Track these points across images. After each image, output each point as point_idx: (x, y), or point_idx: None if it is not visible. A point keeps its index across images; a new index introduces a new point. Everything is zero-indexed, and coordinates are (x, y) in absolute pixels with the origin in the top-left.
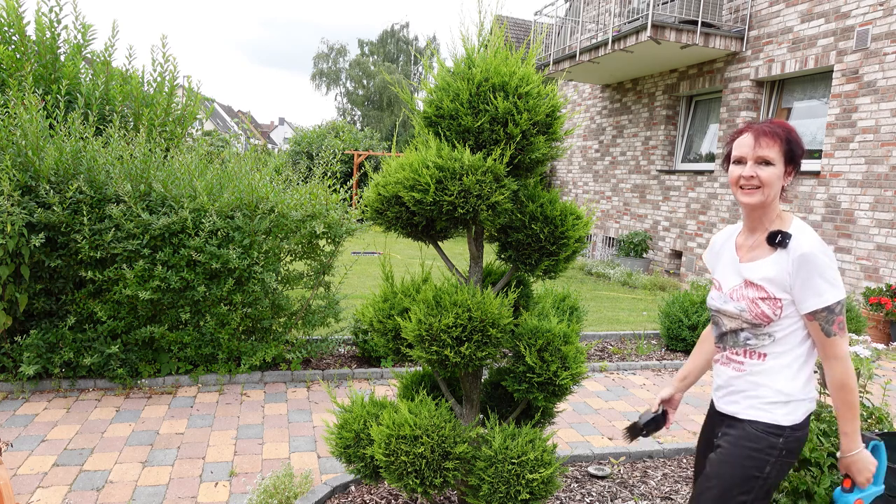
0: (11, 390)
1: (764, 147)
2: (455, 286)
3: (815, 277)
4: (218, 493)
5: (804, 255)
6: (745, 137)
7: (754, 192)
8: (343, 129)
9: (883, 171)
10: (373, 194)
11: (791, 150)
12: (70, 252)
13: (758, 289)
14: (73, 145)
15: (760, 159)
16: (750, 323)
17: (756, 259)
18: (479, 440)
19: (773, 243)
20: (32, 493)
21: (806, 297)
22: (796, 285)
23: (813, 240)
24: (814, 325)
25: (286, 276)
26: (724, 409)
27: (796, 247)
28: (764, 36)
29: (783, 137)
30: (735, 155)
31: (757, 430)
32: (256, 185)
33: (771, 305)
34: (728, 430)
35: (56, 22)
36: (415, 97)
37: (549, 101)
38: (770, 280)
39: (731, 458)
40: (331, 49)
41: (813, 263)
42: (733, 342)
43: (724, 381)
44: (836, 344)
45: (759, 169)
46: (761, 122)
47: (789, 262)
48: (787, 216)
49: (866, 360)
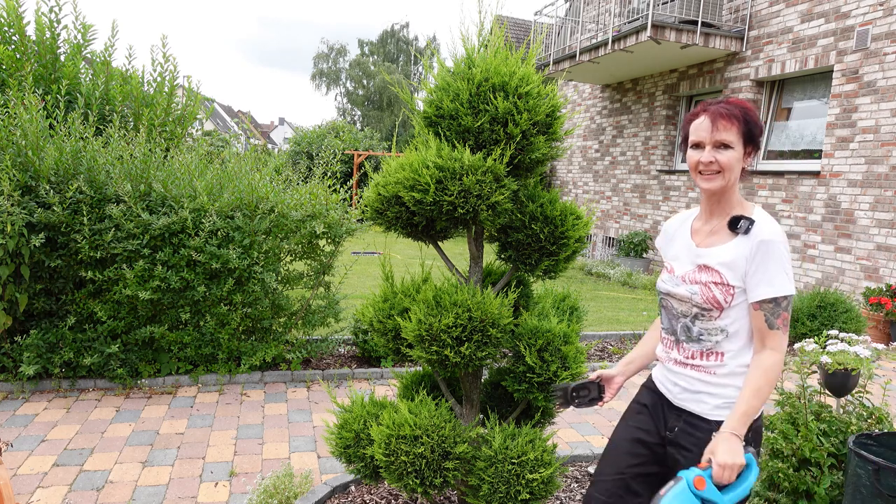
0: (11, 390)
1: (722, 130)
2: (455, 286)
3: (771, 265)
4: (218, 493)
5: (765, 242)
6: (702, 121)
7: (714, 178)
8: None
9: (883, 171)
10: (373, 194)
11: (750, 130)
12: (70, 252)
13: (712, 273)
14: (73, 145)
15: (719, 143)
16: (700, 308)
17: (714, 245)
18: (479, 440)
19: (735, 229)
20: (32, 493)
21: (759, 283)
22: (751, 271)
23: (775, 228)
24: (758, 314)
25: (286, 276)
26: (685, 406)
27: (758, 232)
28: (764, 36)
29: (741, 118)
30: (692, 139)
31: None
32: (256, 185)
33: (723, 291)
34: (691, 429)
35: (56, 22)
36: (415, 97)
37: (549, 101)
38: (727, 265)
39: None
40: (331, 49)
41: (772, 251)
42: (686, 337)
43: (681, 380)
44: (778, 336)
45: (717, 153)
46: (717, 102)
47: (748, 248)
48: (748, 204)
49: (866, 360)
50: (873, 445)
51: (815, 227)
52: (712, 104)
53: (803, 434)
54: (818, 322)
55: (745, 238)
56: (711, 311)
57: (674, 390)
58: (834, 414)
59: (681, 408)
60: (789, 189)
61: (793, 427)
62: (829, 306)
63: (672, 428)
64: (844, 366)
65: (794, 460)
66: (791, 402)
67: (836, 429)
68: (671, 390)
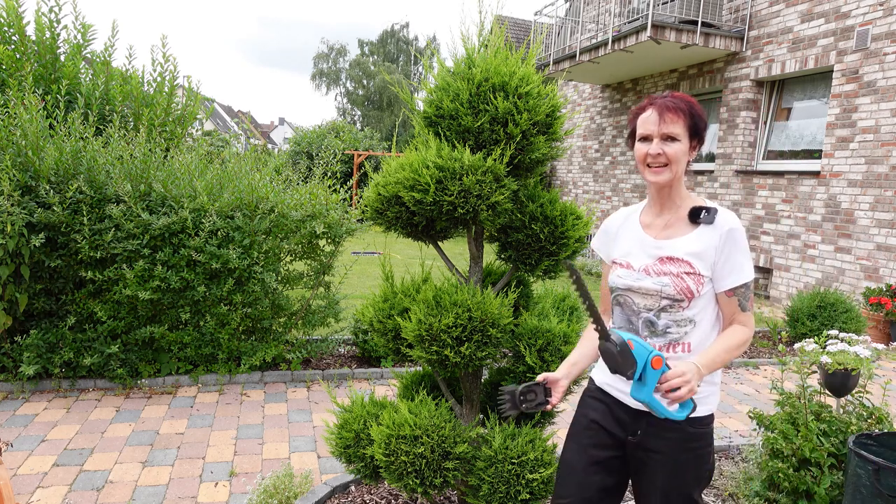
0: (11, 390)
1: (669, 123)
2: (455, 286)
3: (738, 254)
4: (218, 493)
5: (732, 231)
6: (650, 114)
7: (662, 171)
8: (343, 129)
9: (883, 171)
10: (373, 194)
11: (695, 123)
12: (70, 252)
13: (682, 263)
14: (73, 145)
15: (666, 136)
16: (671, 299)
17: (674, 236)
18: (479, 440)
19: (697, 220)
20: (32, 493)
21: (731, 272)
22: (721, 260)
23: (735, 217)
24: (733, 300)
25: (286, 276)
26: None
27: (724, 222)
28: (764, 36)
29: (687, 112)
30: (640, 132)
31: (696, 426)
32: (256, 185)
33: (695, 281)
34: (658, 430)
35: (56, 22)
36: (415, 97)
37: (549, 101)
38: (696, 255)
39: (683, 466)
40: (331, 49)
41: (738, 240)
42: (650, 332)
43: None
44: (749, 316)
45: (665, 146)
46: (663, 95)
47: (717, 237)
48: (694, 194)
49: (866, 360)
50: (873, 445)
51: (815, 227)
52: (658, 98)
53: (803, 434)
54: (818, 322)
55: (711, 228)
56: (682, 302)
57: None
58: (834, 414)
59: (642, 411)
60: (789, 189)
61: (793, 427)
62: (829, 306)
63: (634, 431)
64: (844, 366)
65: (794, 460)
66: (791, 402)
67: (836, 429)
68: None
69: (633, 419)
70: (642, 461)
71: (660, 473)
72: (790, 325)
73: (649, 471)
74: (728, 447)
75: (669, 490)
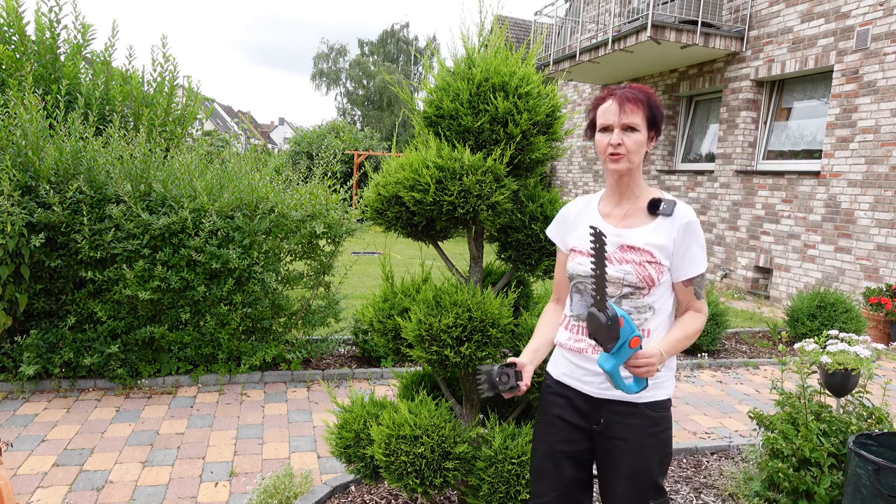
0: (11, 390)
1: (629, 114)
2: (455, 286)
3: (695, 245)
4: (218, 493)
5: (690, 224)
6: (610, 105)
7: (621, 159)
8: (343, 129)
9: (883, 171)
10: (373, 194)
11: (653, 114)
12: (70, 252)
13: (642, 252)
14: (73, 145)
15: (626, 126)
16: (633, 287)
17: (634, 226)
18: (479, 440)
19: (655, 211)
20: (32, 493)
21: (688, 263)
22: (680, 251)
23: (692, 210)
24: (689, 290)
25: (286, 276)
26: (607, 395)
27: (682, 215)
28: (764, 36)
29: (645, 102)
30: (601, 123)
31: (656, 410)
32: (256, 185)
33: (656, 270)
34: (621, 418)
35: (56, 22)
36: (415, 97)
37: (549, 101)
38: (658, 247)
39: (646, 450)
40: (331, 49)
41: (695, 232)
42: None
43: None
44: (703, 303)
45: (625, 136)
46: (622, 87)
47: (675, 229)
48: (651, 187)
49: (866, 359)
50: (873, 445)
51: (815, 227)
52: (617, 89)
53: (803, 434)
54: (818, 322)
55: (670, 219)
56: (643, 290)
57: (593, 381)
58: (834, 414)
59: (603, 398)
60: (789, 189)
61: (793, 427)
62: (829, 306)
63: (598, 420)
64: (844, 366)
65: (794, 460)
66: (791, 402)
67: (836, 429)
68: (589, 381)
69: (595, 408)
70: (607, 450)
71: (624, 460)
72: (790, 325)
73: (614, 458)
74: (728, 447)
75: (635, 476)
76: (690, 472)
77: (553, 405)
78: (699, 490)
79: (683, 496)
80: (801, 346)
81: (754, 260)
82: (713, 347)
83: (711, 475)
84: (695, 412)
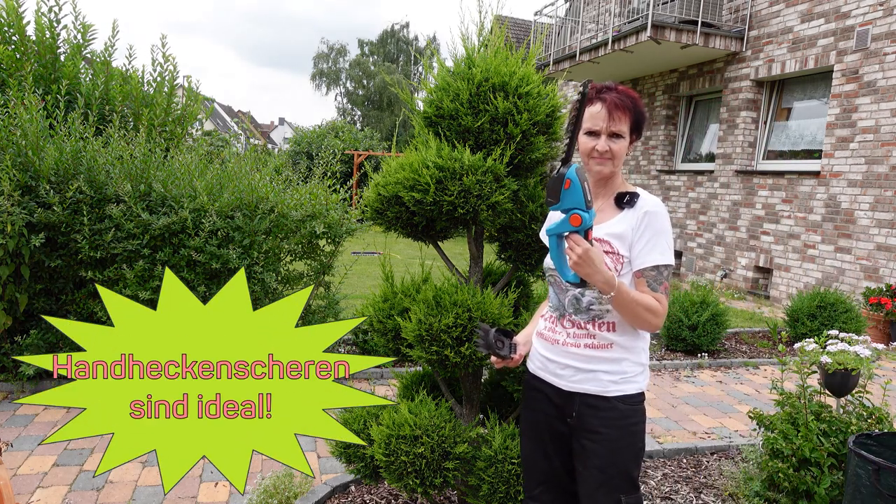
0: (11, 390)
1: (617, 121)
2: (455, 286)
3: (654, 235)
4: (218, 493)
5: (649, 213)
6: (599, 110)
7: (606, 163)
8: (343, 129)
9: (883, 171)
10: (373, 194)
11: (638, 121)
12: (70, 252)
13: (602, 243)
14: (73, 145)
15: (613, 133)
16: None
17: (603, 221)
18: (479, 440)
19: (622, 203)
20: (32, 493)
21: (643, 252)
22: (636, 240)
23: (658, 202)
24: (641, 281)
25: (286, 276)
26: (579, 388)
27: (643, 205)
28: (764, 36)
29: (632, 109)
30: (588, 126)
31: (627, 403)
32: (256, 185)
33: (613, 260)
34: (593, 411)
35: (56, 22)
36: (415, 97)
37: (550, 101)
38: (616, 236)
39: (618, 443)
40: (331, 49)
41: (656, 221)
42: (575, 308)
43: (572, 359)
44: (659, 298)
45: (611, 142)
46: (608, 87)
47: (635, 218)
48: (630, 185)
49: (866, 360)
50: (873, 445)
51: (815, 227)
52: (605, 92)
53: (803, 434)
54: (818, 322)
55: (632, 210)
56: None
57: (564, 374)
58: (834, 414)
59: (573, 391)
60: (789, 189)
61: (793, 427)
62: (829, 306)
63: (571, 413)
64: (844, 366)
65: (794, 460)
66: (791, 402)
67: (836, 429)
68: (561, 374)
69: (566, 400)
70: (580, 443)
71: (598, 454)
72: (790, 325)
73: (588, 452)
74: (728, 447)
75: (609, 467)
76: (690, 472)
77: (534, 401)
78: (699, 490)
79: (683, 496)
80: (801, 346)
81: (754, 260)
82: (713, 347)
83: (711, 475)
84: (695, 412)
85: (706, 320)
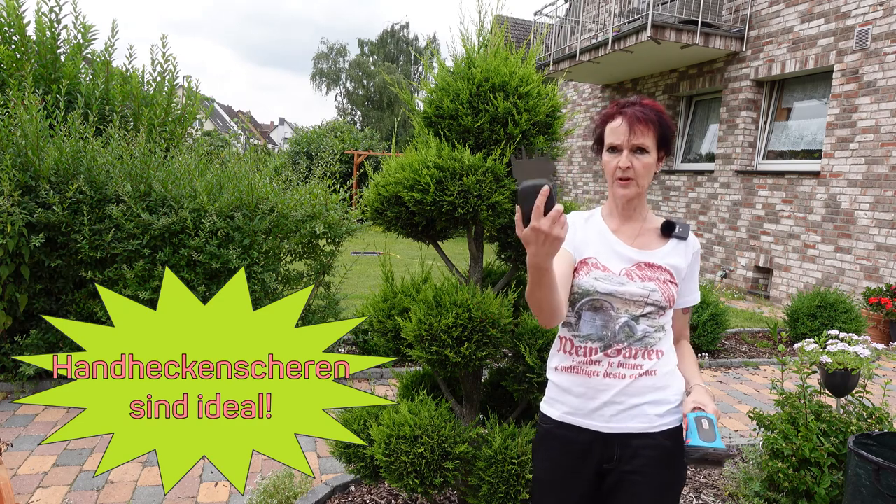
0: (11, 390)
1: (639, 135)
2: (455, 286)
3: (697, 274)
4: (218, 493)
5: (698, 253)
6: (619, 124)
7: (630, 184)
8: (343, 129)
9: (883, 171)
10: (373, 194)
11: (664, 134)
12: (70, 252)
13: (664, 272)
14: (73, 145)
15: (636, 147)
16: (656, 305)
17: (649, 247)
18: (479, 440)
19: (670, 233)
20: (32, 493)
21: (692, 290)
22: (688, 276)
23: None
24: (686, 317)
25: (286, 276)
26: (621, 430)
27: (694, 242)
28: (764, 36)
29: (657, 122)
30: (609, 142)
31: (670, 439)
32: (256, 185)
33: (675, 290)
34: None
35: (56, 22)
36: (415, 97)
37: (549, 101)
38: (675, 267)
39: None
40: (331, 49)
41: (699, 261)
42: (626, 336)
43: (614, 395)
44: (688, 329)
45: (634, 158)
46: (631, 102)
47: (689, 255)
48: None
49: (866, 359)
50: (873, 445)
51: (815, 227)
52: (627, 106)
53: (803, 434)
54: (818, 322)
55: (685, 244)
56: (664, 309)
57: (604, 414)
58: (834, 414)
59: (615, 433)
60: (789, 189)
61: (793, 427)
62: (829, 306)
63: (609, 458)
64: (844, 366)
65: (794, 460)
66: (791, 402)
67: (836, 429)
68: (601, 414)
69: (605, 444)
70: (620, 485)
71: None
72: (790, 325)
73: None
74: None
75: None
76: (690, 472)
77: (557, 452)
78: (699, 490)
79: (683, 496)
80: (801, 346)
81: (754, 260)
82: (713, 347)
83: (711, 475)
84: None
85: (706, 320)
